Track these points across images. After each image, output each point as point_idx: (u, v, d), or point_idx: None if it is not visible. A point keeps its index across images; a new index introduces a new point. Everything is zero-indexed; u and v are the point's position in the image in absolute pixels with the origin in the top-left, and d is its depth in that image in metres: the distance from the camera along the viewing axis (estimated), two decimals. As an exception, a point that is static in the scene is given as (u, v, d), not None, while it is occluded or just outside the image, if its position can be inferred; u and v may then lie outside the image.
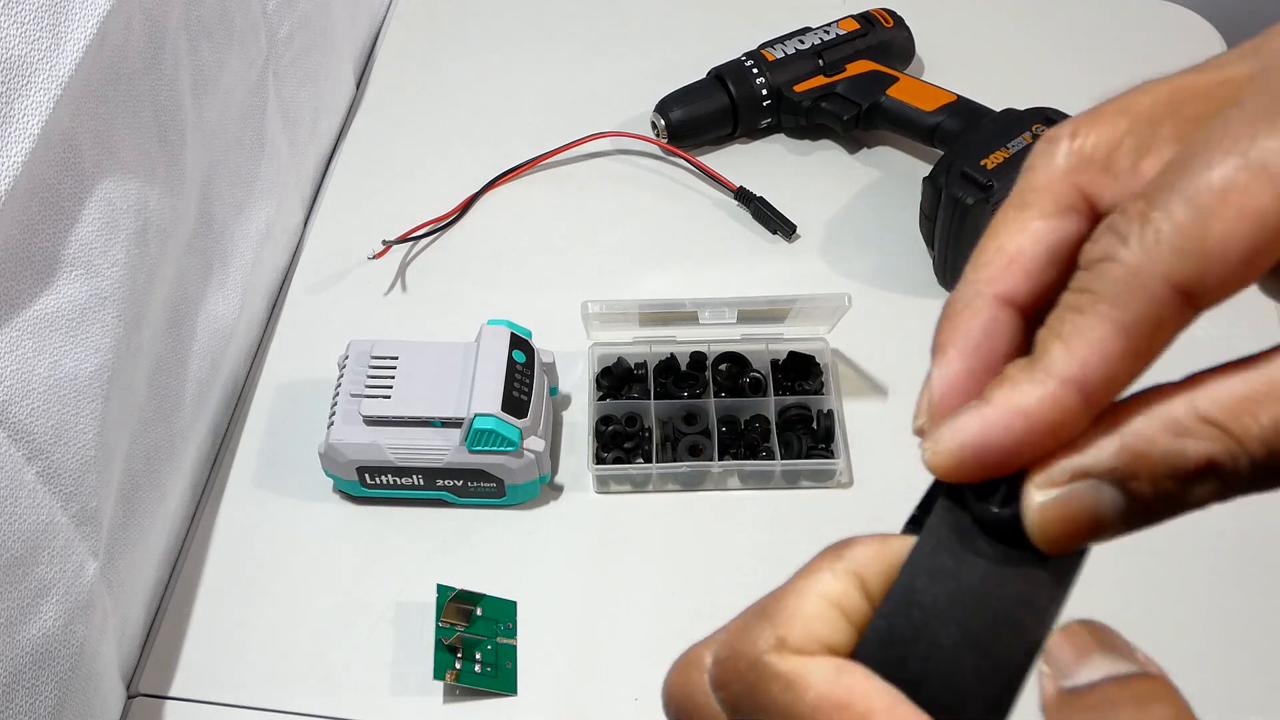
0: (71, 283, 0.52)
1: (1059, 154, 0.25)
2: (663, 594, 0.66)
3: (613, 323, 0.73)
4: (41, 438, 0.50)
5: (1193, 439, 0.21)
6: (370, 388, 0.67)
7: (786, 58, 0.88)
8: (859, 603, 0.25)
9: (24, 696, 0.50)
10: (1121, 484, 0.22)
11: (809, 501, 0.70)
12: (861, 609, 0.25)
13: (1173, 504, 0.22)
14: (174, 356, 0.65)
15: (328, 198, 0.87)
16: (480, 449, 0.65)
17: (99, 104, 0.54)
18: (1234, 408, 0.21)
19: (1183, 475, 0.22)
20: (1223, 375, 0.22)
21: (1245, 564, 0.67)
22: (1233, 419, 0.21)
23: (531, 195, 0.87)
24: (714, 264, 0.83)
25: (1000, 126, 0.78)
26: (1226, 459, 0.21)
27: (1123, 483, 0.22)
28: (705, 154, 0.89)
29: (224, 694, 0.63)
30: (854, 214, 0.85)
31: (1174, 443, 0.22)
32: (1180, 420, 0.22)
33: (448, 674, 0.61)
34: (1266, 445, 0.21)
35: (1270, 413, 0.21)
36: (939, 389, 0.25)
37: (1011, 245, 0.25)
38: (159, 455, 0.63)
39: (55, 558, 0.51)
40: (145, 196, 0.58)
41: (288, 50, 0.78)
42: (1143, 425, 0.22)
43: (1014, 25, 0.99)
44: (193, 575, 0.67)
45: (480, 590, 0.64)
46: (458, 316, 0.76)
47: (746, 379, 0.73)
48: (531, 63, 0.97)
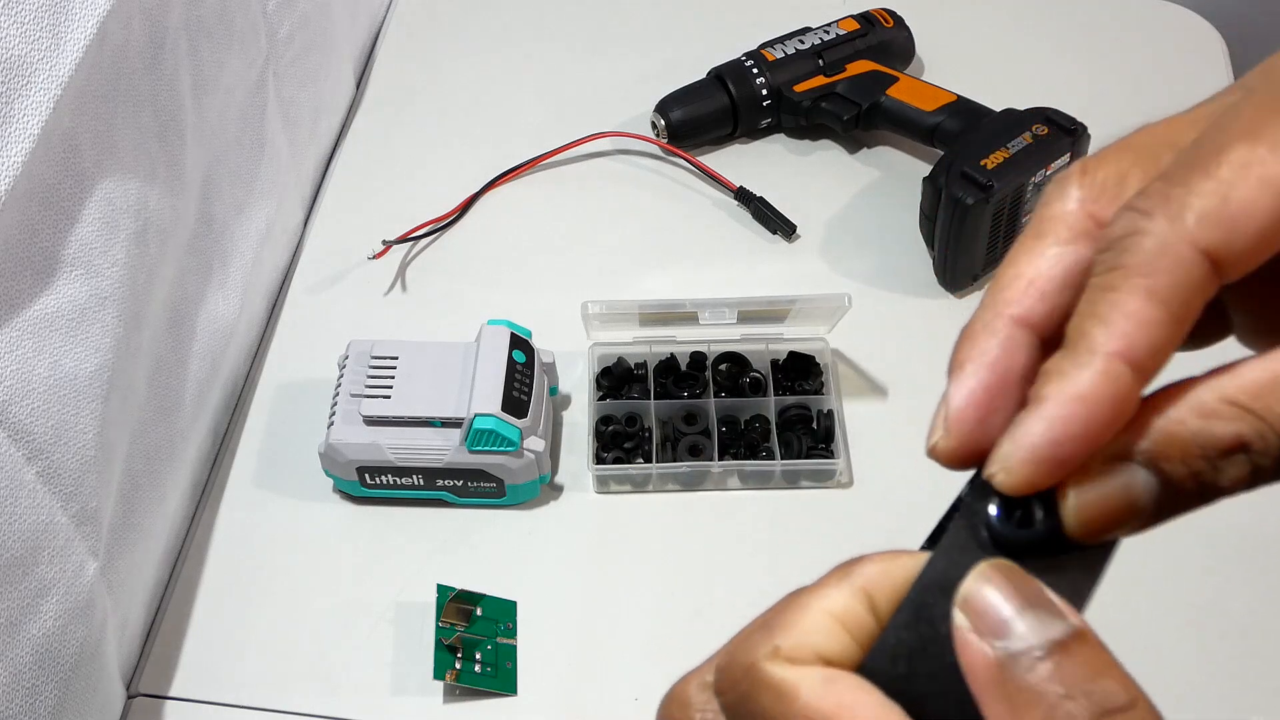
0: (71, 283, 0.52)
1: (1071, 188, 0.25)
2: (663, 594, 0.66)
3: (613, 323, 0.73)
4: (41, 438, 0.50)
5: (1221, 420, 0.22)
6: (370, 388, 0.67)
7: (786, 58, 0.88)
8: (865, 619, 0.25)
9: (24, 696, 0.50)
10: (1154, 465, 0.23)
11: (809, 501, 0.70)
12: (867, 625, 0.25)
13: (1205, 487, 0.22)
14: (174, 356, 0.65)
15: (328, 198, 0.87)
16: (480, 449, 0.65)
17: (99, 104, 0.54)
18: (1259, 391, 0.22)
19: (1213, 454, 0.22)
20: (1247, 364, 0.22)
21: (1244, 564, 0.67)
22: (1258, 401, 0.22)
23: (531, 195, 0.87)
24: (714, 264, 0.83)
25: (1000, 126, 0.78)
26: (1255, 438, 0.22)
27: (1155, 463, 0.23)
28: (705, 154, 0.89)
29: (224, 694, 0.63)
30: (854, 214, 0.85)
31: (1203, 424, 0.22)
32: (1208, 403, 0.22)
33: (448, 674, 0.61)
34: None
35: None
36: (956, 403, 0.25)
37: (1029, 270, 0.25)
38: (159, 455, 0.63)
39: (55, 558, 0.51)
40: (145, 196, 0.58)
41: (288, 50, 0.78)
42: (1172, 410, 0.23)
43: (1014, 25, 0.99)
44: (193, 575, 0.67)
45: (480, 590, 0.64)
46: (458, 316, 0.76)
47: (746, 379, 0.73)
48: (531, 63, 0.97)
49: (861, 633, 0.25)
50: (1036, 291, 0.25)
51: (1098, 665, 0.21)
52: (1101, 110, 0.80)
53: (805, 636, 0.24)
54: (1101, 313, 0.23)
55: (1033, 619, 0.22)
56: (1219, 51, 0.96)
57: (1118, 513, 0.23)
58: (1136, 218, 0.23)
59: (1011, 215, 0.77)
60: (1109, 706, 0.21)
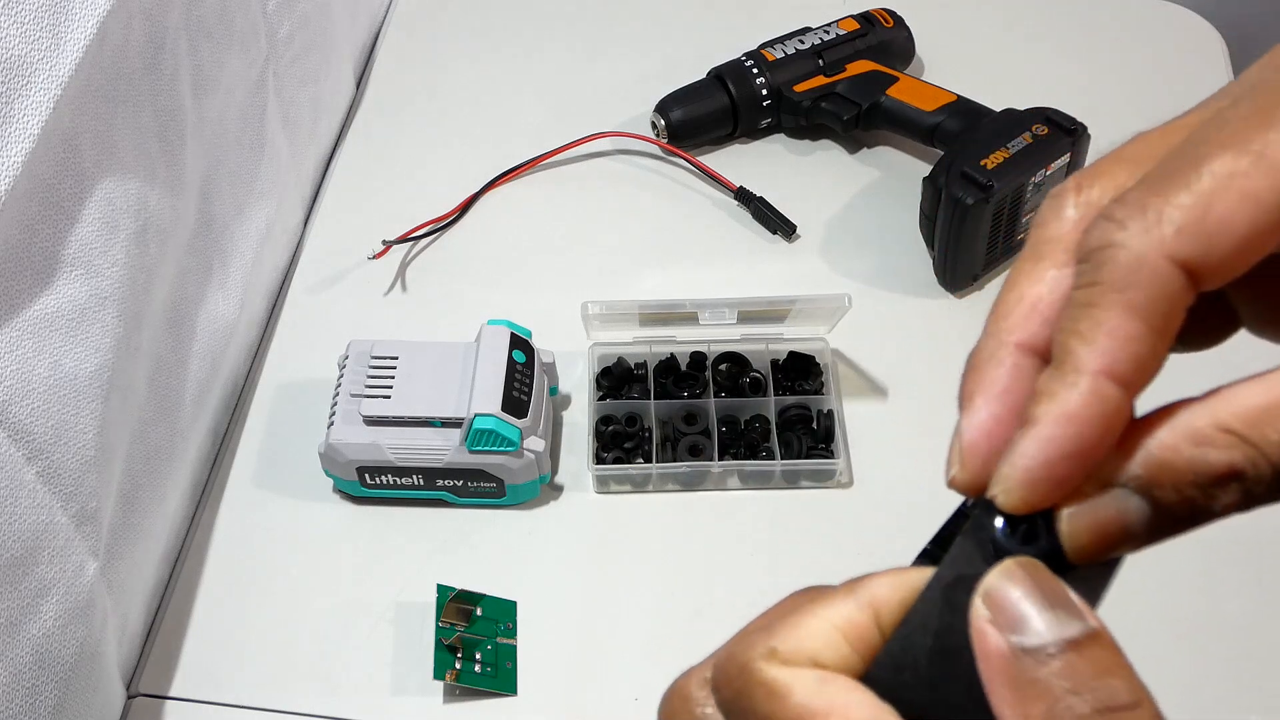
0: (71, 283, 0.52)
1: (1067, 206, 0.25)
2: (663, 594, 0.66)
3: (613, 323, 0.73)
4: (41, 438, 0.50)
5: (1215, 448, 0.22)
6: (370, 388, 0.67)
7: (786, 58, 0.88)
8: (869, 632, 0.25)
9: (24, 696, 0.50)
10: (1147, 492, 0.23)
11: (809, 501, 0.70)
12: (872, 639, 0.25)
13: (1198, 512, 0.22)
14: (174, 356, 0.65)
15: (328, 198, 0.87)
16: (480, 449, 0.65)
17: (99, 104, 0.54)
18: (1254, 418, 0.22)
19: (1206, 482, 0.22)
20: (1243, 387, 0.22)
21: (1244, 564, 0.67)
22: (1253, 429, 0.22)
23: (531, 195, 0.87)
24: (714, 264, 0.83)
25: (1000, 126, 0.78)
26: (1248, 466, 0.22)
27: (1148, 491, 0.23)
28: (705, 154, 0.89)
29: (224, 694, 0.63)
30: (854, 214, 0.85)
31: (1197, 451, 0.22)
32: (1202, 430, 0.22)
33: (448, 674, 0.61)
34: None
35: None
36: (968, 436, 0.25)
37: (1030, 294, 0.25)
38: (159, 455, 0.63)
39: (55, 558, 0.51)
40: (145, 196, 0.58)
41: (288, 50, 0.78)
42: (1166, 435, 0.22)
43: (1014, 25, 0.99)
44: (193, 575, 0.67)
45: (480, 590, 0.64)
46: (458, 316, 0.76)
47: (746, 379, 0.73)
48: (531, 63, 0.97)
49: (864, 646, 0.25)
50: (1039, 317, 0.25)
51: (1107, 665, 0.22)
52: (1101, 110, 0.80)
53: (804, 642, 0.25)
54: (1084, 330, 0.23)
55: (1051, 617, 0.22)
56: (1219, 51, 0.96)
57: (1111, 537, 0.23)
58: (1112, 229, 0.23)
59: (1011, 215, 0.77)
60: (1112, 704, 0.21)
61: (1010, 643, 0.22)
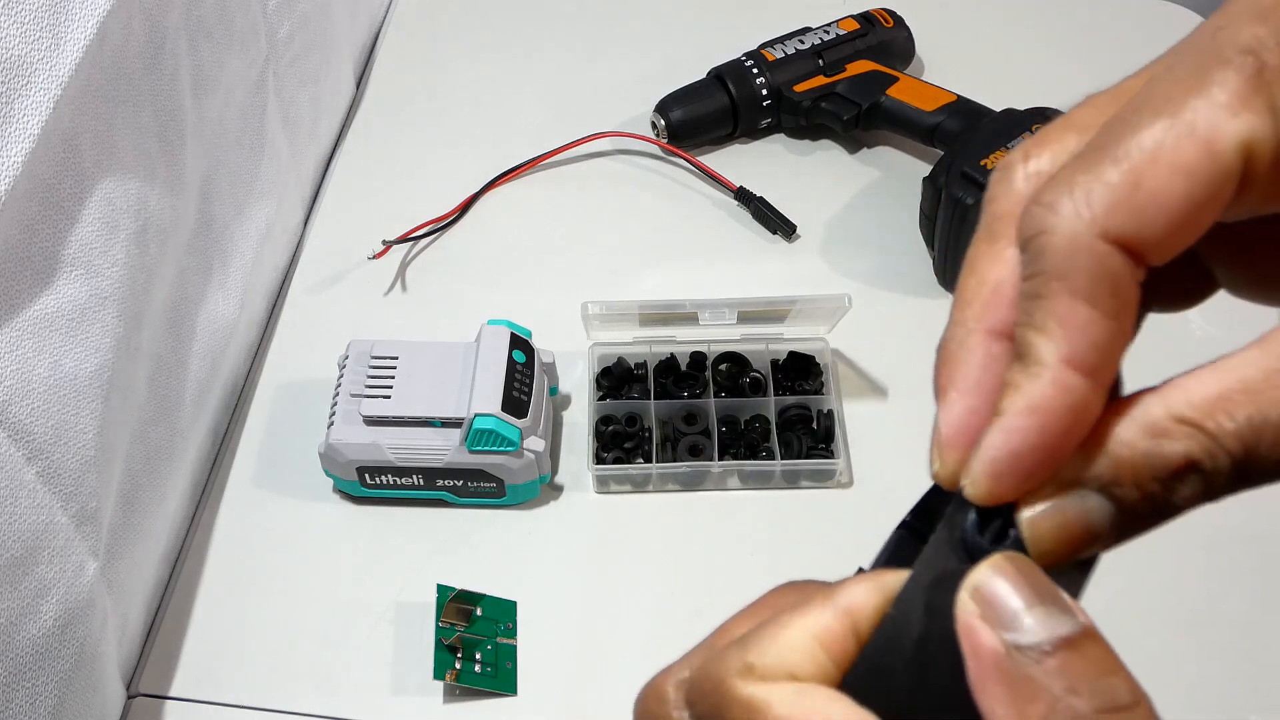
0: (71, 283, 0.52)
1: (1016, 179, 0.25)
2: (663, 594, 0.66)
3: (613, 323, 0.73)
4: (41, 438, 0.50)
5: (1170, 440, 0.21)
6: (370, 388, 0.67)
7: (786, 58, 0.88)
8: (846, 639, 0.24)
9: (24, 696, 0.50)
10: (1107, 491, 0.22)
11: (809, 501, 0.70)
12: (848, 646, 0.24)
13: (1161, 507, 0.22)
14: (174, 356, 0.65)
15: (328, 198, 0.87)
16: (480, 449, 0.65)
17: (99, 104, 0.54)
18: (1208, 407, 0.21)
19: (1165, 476, 0.22)
20: (1198, 376, 0.22)
21: (1243, 564, 0.67)
22: (1208, 418, 0.21)
23: (531, 195, 0.87)
24: (714, 264, 0.83)
25: (1000, 126, 0.78)
26: (1205, 457, 0.21)
27: (1108, 489, 0.22)
28: (705, 154, 0.89)
29: (224, 694, 0.63)
30: (854, 214, 0.85)
31: (1153, 445, 0.22)
32: (1157, 422, 0.22)
33: (448, 674, 0.61)
34: (1242, 442, 0.21)
35: (1245, 411, 0.21)
36: (946, 430, 0.24)
37: (991, 277, 0.24)
38: (159, 455, 0.63)
39: (55, 558, 0.51)
40: (145, 196, 0.58)
41: (288, 50, 0.78)
42: (1122, 430, 0.22)
43: (1014, 25, 0.99)
44: (193, 575, 0.67)
45: (480, 590, 0.64)
46: (458, 316, 0.76)
47: (746, 379, 0.73)
48: (531, 63, 0.97)
49: (842, 654, 0.24)
50: (1003, 300, 0.24)
51: (1104, 664, 0.21)
52: (1101, 110, 0.80)
53: (781, 655, 0.24)
54: (1038, 322, 0.22)
55: (1042, 614, 0.22)
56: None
57: (1076, 539, 0.23)
58: (1044, 214, 0.22)
59: (1011, 215, 0.77)
60: (1113, 704, 0.21)
61: (1004, 640, 0.22)
